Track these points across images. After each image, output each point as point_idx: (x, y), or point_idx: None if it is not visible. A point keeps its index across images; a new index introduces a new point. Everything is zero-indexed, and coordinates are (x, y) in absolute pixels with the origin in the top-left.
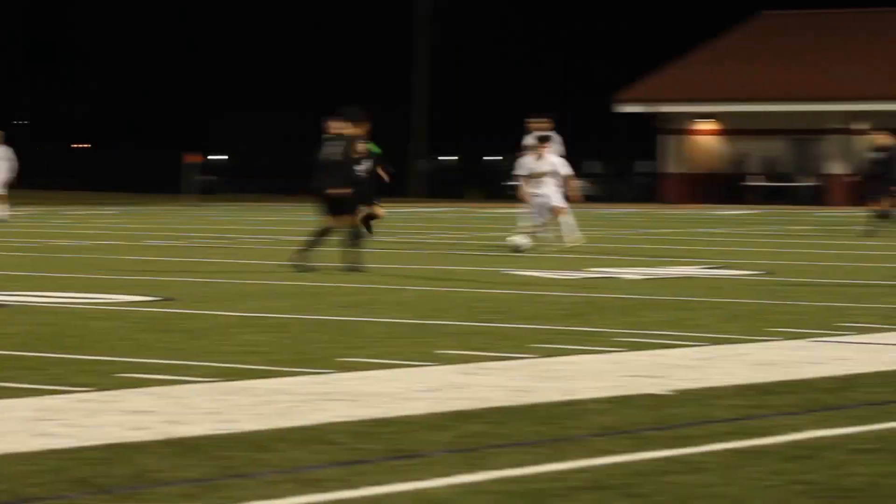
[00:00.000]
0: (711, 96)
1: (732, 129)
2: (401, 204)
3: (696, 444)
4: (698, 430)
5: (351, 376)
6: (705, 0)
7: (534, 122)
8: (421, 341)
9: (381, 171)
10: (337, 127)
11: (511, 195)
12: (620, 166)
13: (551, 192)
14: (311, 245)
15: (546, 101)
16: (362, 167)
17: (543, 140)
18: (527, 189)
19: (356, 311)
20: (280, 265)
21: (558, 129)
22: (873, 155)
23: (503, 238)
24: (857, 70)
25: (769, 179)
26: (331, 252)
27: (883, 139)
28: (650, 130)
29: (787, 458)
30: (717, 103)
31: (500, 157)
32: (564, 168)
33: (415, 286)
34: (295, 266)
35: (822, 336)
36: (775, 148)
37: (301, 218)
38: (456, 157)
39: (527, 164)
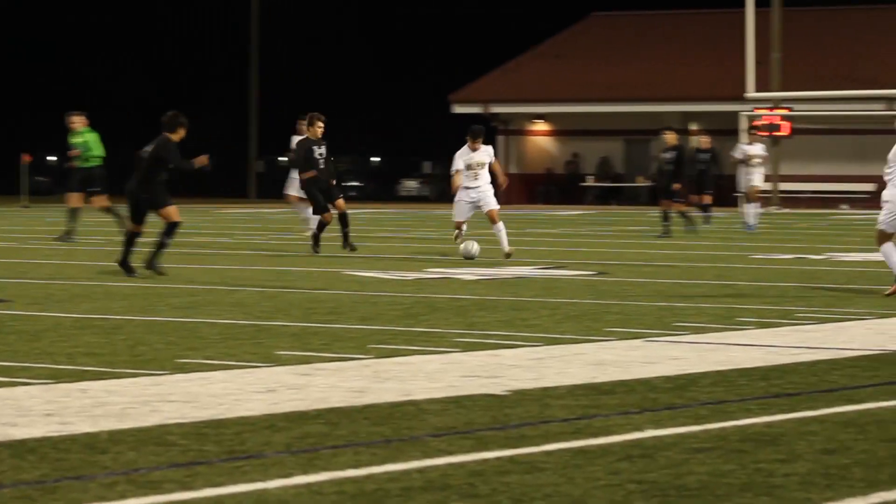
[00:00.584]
0: (544, 97)
1: (567, 129)
2: (238, 205)
3: (533, 444)
4: (536, 430)
5: (188, 377)
6: (537, 2)
7: (301, 123)
8: (259, 342)
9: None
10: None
11: (352, 196)
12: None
13: (489, 193)
14: (126, 251)
15: (384, 101)
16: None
17: (476, 134)
18: (458, 183)
19: (194, 312)
20: (116, 266)
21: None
22: (664, 155)
23: (360, 238)
24: (689, 71)
25: (604, 180)
26: (174, 253)
27: (672, 138)
28: (489, 131)
29: (625, 457)
30: (551, 104)
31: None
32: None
33: (253, 287)
34: (154, 271)
35: (657, 336)
36: (609, 149)
37: None
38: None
39: (462, 156)
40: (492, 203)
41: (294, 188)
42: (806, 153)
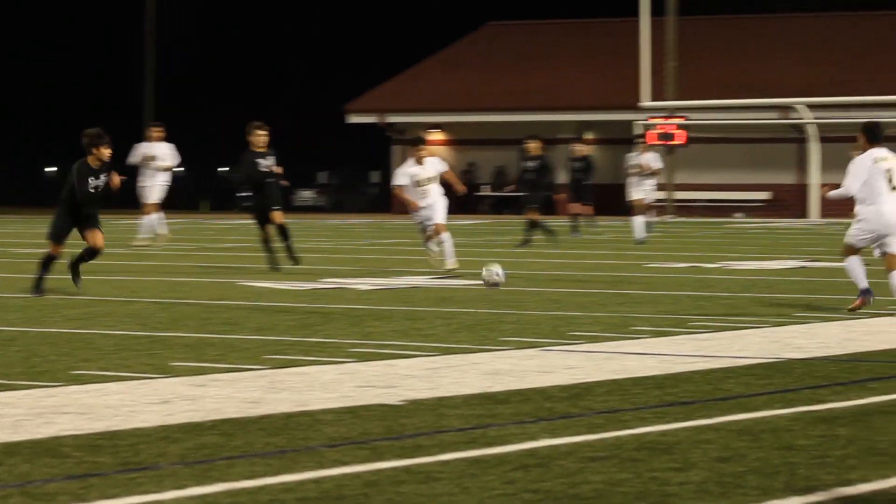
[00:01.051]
0: (440, 107)
1: (462, 139)
2: (135, 215)
3: (429, 454)
4: (431, 439)
5: (82, 389)
6: (432, 11)
7: (154, 130)
8: (154, 353)
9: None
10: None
11: (245, 206)
12: (352, 176)
13: (438, 206)
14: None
15: (279, 110)
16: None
17: (420, 142)
18: (411, 198)
19: (88, 323)
20: (10, 276)
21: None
22: (527, 164)
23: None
24: (585, 80)
25: (499, 189)
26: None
27: (536, 147)
28: (383, 141)
29: (520, 466)
30: (446, 113)
31: (227, 168)
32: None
33: (148, 298)
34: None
35: (552, 345)
36: (505, 158)
37: (32, 230)
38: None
39: (407, 171)
40: (439, 216)
41: (155, 195)
42: (701, 162)
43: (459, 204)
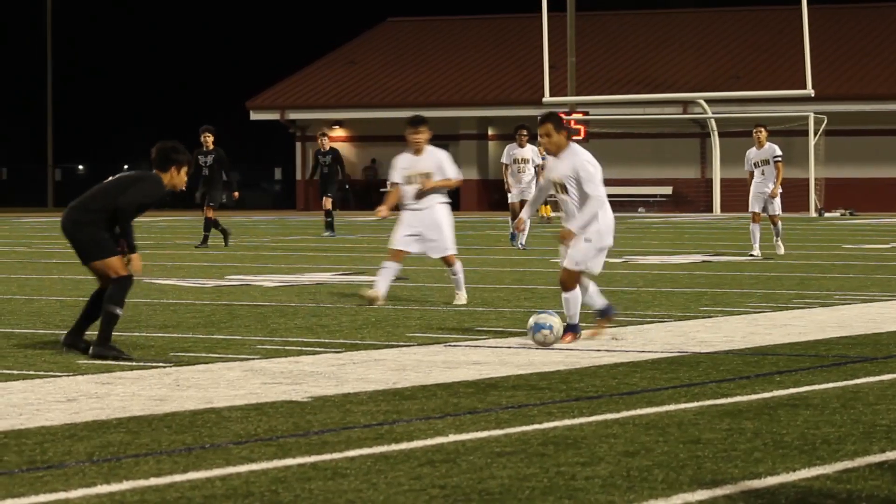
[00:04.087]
0: (341, 103)
1: (364, 135)
2: (36, 213)
3: (336, 451)
4: (338, 436)
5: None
6: (332, 7)
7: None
8: (58, 352)
9: None
10: None
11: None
12: (256, 174)
13: (436, 224)
14: None
15: (181, 107)
16: None
17: (417, 122)
18: (392, 201)
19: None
20: None
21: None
22: (204, 159)
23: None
24: (486, 76)
25: None
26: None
27: (210, 141)
28: (286, 138)
29: (428, 462)
30: (348, 110)
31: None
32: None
33: (50, 296)
34: None
35: (458, 340)
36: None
37: None
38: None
39: (402, 163)
40: (446, 246)
41: None
42: (602, 157)
43: (361, 200)
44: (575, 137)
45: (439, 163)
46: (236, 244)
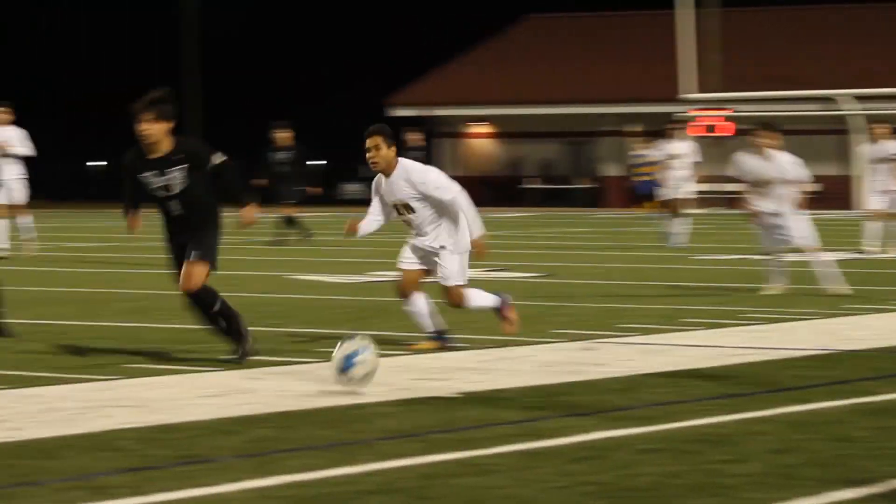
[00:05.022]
0: (483, 99)
1: (507, 132)
2: None
3: (484, 447)
4: (486, 432)
5: (136, 382)
6: (473, 3)
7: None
8: (206, 346)
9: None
10: None
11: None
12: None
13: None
14: None
15: (322, 103)
16: None
17: (770, 126)
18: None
19: (139, 316)
20: (61, 271)
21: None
22: (279, 156)
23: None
24: (626, 72)
25: (545, 182)
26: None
27: (286, 137)
28: (427, 135)
29: (576, 459)
30: (490, 106)
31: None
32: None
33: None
34: None
35: (604, 337)
36: (551, 150)
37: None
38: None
39: (749, 165)
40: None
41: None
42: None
43: (505, 196)
44: (718, 134)
45: (785, 167)
46: (375, 240)
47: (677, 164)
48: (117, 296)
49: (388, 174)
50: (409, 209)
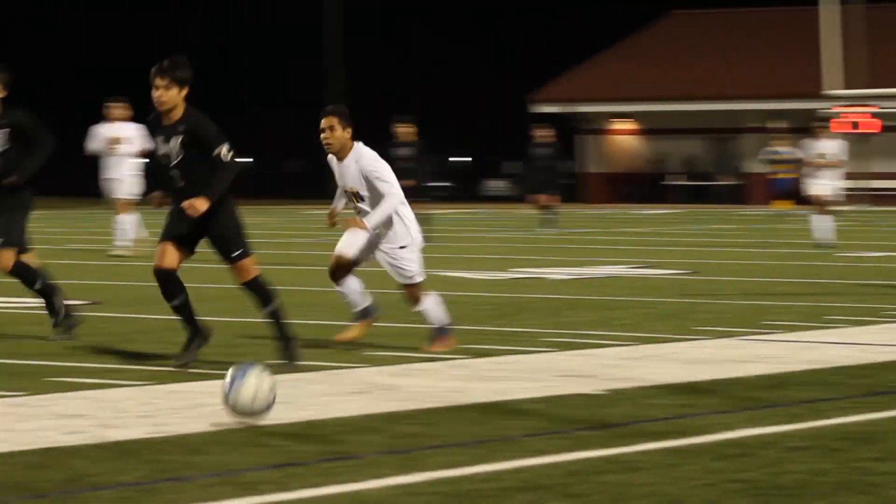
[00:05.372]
0: (627, 95)
1: (651, 128)
2: (314, 205)
3: (630, 444)
4: (632, 429)
5: (279, 379)
6: (612, 1)
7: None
8: (351, 343)
9: None
10: None
11: (437, 196)
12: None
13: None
14: None
15: (464, 99)
16: None
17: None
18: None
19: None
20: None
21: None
22: (400, 151)
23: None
24: (772, 68)
25: (690, 178)
26: None
27: (408, 131)
28: (565, 130)
29: (723, 456)
30: (634, 103)
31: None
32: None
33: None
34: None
35: (749, 334)
36: (694, 147)
37: None
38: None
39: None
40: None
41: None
42: (893, 151)
43: (649, 193)
44: (864, 130)
45: None
46: (518, 237)
47: (825, 162)
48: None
49: (341, 157)
50: (359, 197)
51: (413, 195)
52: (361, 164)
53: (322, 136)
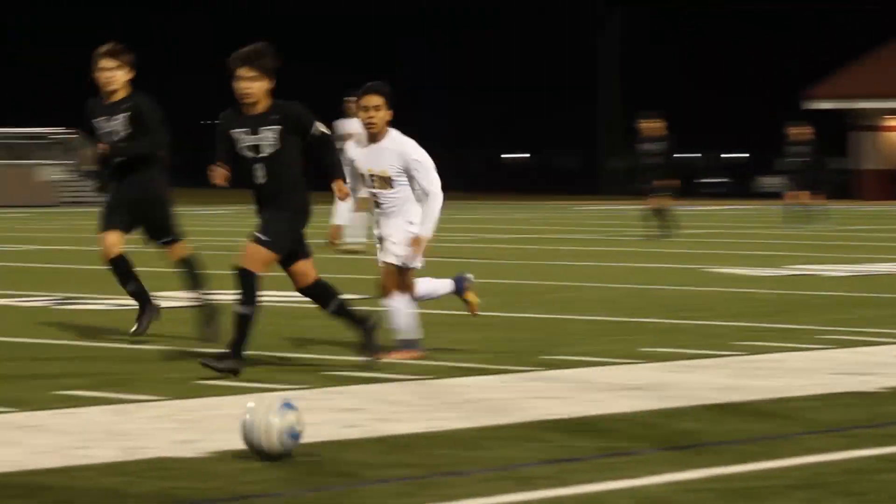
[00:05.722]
0: None
1: None
2: (595, 202)
3: None
4: None
5: (557, 374)
6: None
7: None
8: (624, 339)
9: None
10: None
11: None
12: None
13: None
14: None
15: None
16: None
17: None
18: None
19: (560, 308)
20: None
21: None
22: (646, 146)
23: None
24: None
25: None
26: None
27: (655, 127)
28: (834, 126)
29: None
30: None
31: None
32: None
33: (618, 283)
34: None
35: None
36: None
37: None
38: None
39: None
40: None
41: None
42: None
43: None
44: None
45: None
46: (792, 233)
47: None
48: (539, 287)
49: (377, 139)
50: (388, 183)
51: (652, 190)
52: (404, 150)
53: (366, 115)
